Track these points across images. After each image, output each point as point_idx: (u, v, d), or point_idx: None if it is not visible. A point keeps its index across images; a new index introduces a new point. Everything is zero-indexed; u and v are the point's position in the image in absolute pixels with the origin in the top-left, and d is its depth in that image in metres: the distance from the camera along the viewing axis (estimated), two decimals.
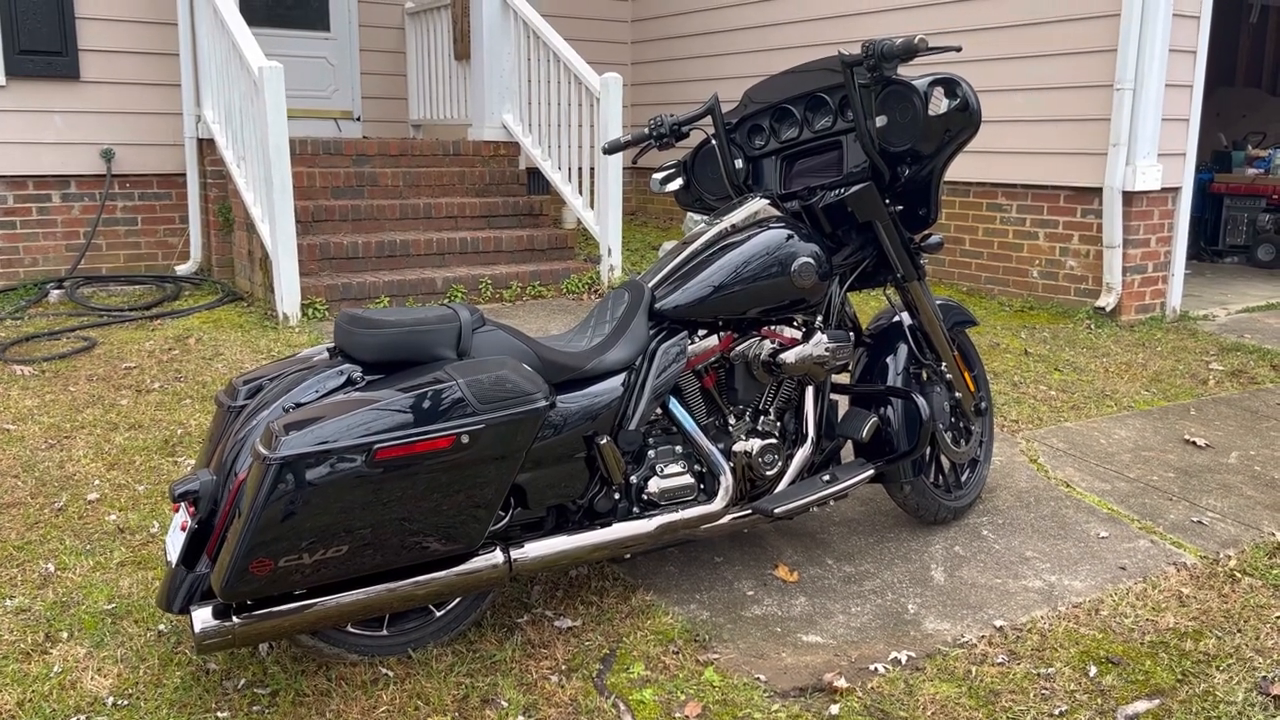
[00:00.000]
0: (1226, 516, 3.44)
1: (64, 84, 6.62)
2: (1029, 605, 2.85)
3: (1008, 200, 6.61)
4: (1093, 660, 2.55)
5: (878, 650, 2.61)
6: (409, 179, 6.79)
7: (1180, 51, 5.87)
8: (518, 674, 2.47)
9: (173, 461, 3.73)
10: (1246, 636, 2.67)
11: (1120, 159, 5.84)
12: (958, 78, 2.78)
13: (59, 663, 2.48)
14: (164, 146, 6.91)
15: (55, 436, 3.95)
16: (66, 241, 6.78)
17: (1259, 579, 2.99)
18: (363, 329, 2.38)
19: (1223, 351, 5.52)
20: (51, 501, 3.38)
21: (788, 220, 2.90)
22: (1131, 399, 4.65)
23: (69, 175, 6.73)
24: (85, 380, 4.62)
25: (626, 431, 2.66)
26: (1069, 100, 6.13)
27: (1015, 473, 3.76)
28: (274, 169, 5.34)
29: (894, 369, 3.13)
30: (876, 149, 2.88)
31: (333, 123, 8.31)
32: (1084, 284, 6.24)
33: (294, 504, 2.10)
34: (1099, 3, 5.90)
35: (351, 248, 6.06)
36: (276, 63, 5.31)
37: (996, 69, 6.45)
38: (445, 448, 2.21)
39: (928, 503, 3.22)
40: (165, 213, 7.05)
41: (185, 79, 6.61)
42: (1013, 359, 5.20)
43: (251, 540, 2.10)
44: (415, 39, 8.35)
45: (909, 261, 3.05)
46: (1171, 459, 3.95)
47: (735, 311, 2.81)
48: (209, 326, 5.55)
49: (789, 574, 3.00)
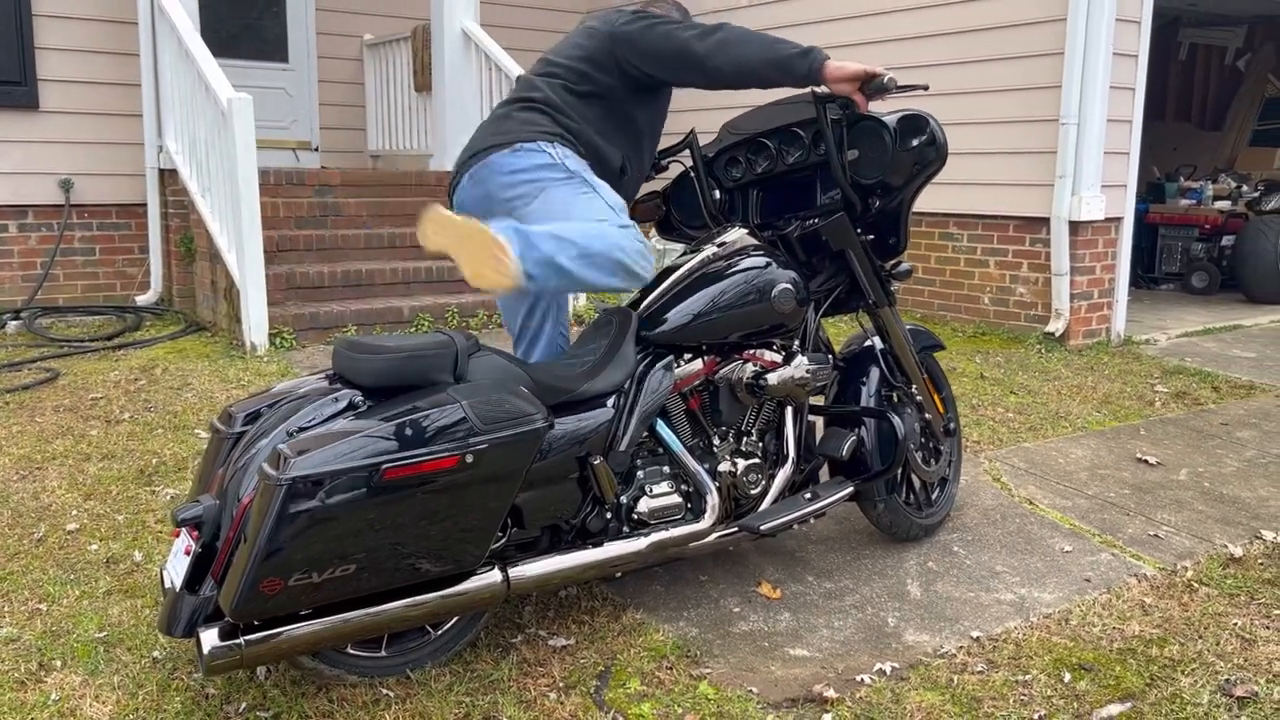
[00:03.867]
0: (1181, 530, 3.61)
1: (22, 113, 6.58)
2: (1002, 617, 2.97)
3: (959, 229, 6.84)
4: (1066, 667, 2.67)
5: (863, 662, 2.71)
6: (372, 209, 6.84)
7: (1120, 88, 6.15)
8: (516, 692, 2.52)
9: (150, 491, 3.72)
10: (1208, 642, 2.81)
11: (1066, 190, 6.09)
12: (926, 114, 2.93)
13: (56, 690, 2.48)
14: (124, 176, 6.88)
15: (27, 468, 3.92)
16: (23, 272, 6.71)
17: (1215, 588, 3.15)
18: (363, 355, 2.44)
19: (1166, 374, 5.75)
20: (30, 533, 3.36)
21: (766, 248, 3.02)
22: (1085, 420, 4.84)
23: (26, 205, 6.68)
24: (52, 411, 4.58)
25: (617, 453, 2.74)
26: (1017, 134, 6.38)
27: (981, 491, 3.90)
28: (243, 199, 5.36)
29: (868, 391, 3.25)
30: (848, 181, 3.01)
31: (291, 153, 8.32)
32: (1033, 310, 6.47)
33: (303, 524, 2.14)
34: (1045, 42, 6.17)
35: (317, 277, 6.08)
36: (245, 94, 5.34)
37: (949, 103, 6.68)
38: (451, 467, 2.28)
39: (900, 520, 3.34)
40: (124, 243, 7.01)
41: (147, 109, 6.60)
42: (970, 383, 5.37)
43: (262, 560, 2.14)
44: (374, 71, 8.42)
45: (880, 288, 3.18)
46: (1126, 476, 4.12)
47: (718, 336, 2.91)
48: (174, 357, 5.53)
49: (772, 591, 3.09)
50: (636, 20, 2.88)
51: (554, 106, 2.88)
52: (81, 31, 6.72)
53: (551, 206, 2.73)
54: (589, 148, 2.89)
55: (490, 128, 2.93)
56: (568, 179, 2.76)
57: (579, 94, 2.90)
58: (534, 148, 2.78)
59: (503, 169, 2.79)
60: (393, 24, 8.32)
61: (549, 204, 2.74)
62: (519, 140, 2.80)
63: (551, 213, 2.72)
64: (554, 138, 2.82)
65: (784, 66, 2.70)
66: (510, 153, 2.79)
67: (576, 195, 2.74)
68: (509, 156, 2.79)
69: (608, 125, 2.93)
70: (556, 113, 2.87)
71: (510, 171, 2.78)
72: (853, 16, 7.20)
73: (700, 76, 2.79)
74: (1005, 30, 6.38)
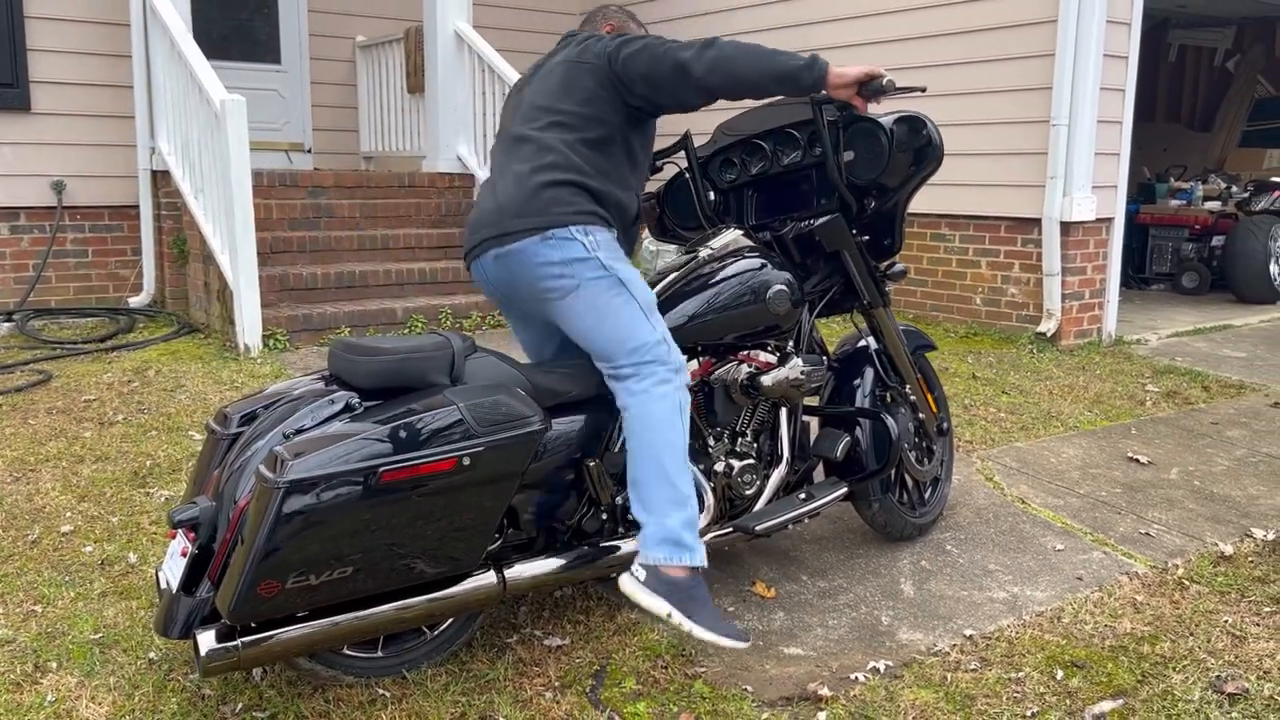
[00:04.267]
0: (1172, 528, 3.63)
1: (14, 115, 6.56)
2: (995, 615, 2.98)
3: (951, 230, 6.86)
4: (1058, 664, 2.69)
5: (857, 660, 2.72)
6: (365, 210, 6.84)
7: (1111, 90, 6.18)
8: (512, 691, 2.53)
9: (144, 493, 3.72)
10: (1199, 639, 2.83)
11: (1057, 191, 6.12)
12: (923, 116, 2.95)
13: (51, 692, 2.48)
14: (116, 178, 6.86)
15: (20, 470, 3.91)
16: (15, 274, 6.69)
17: (1206, 586, 3.17)
18: (359, 356, 2.44)
19: (1157, 374, 5.78)
20: (24, 535, 3.36)
21: (761, 250, 3.03)
22: (1076, 419, 4.86)
23: (18, 207, 6.66)
24: (45, 413, 4.57)
25: (612, 454, 2.75)
26: (1009, 135, 6.41)
27: (973, 490, 3.92)
28: (236, 201, 5.36)
29: (862, 391, 3.27)
30: (844, 182, 3.02)
31: (283, 154, 8.31)
32: (1025, 310, 6.50)
33: (301, 527, 2.15)
34: (1036, 43, 6.20)
35: (310, 279, 6.08)
36: (239, 95, 5.34)
37: (941, 104, 6.70)
38: (448, 469, 2.28)
39: (895, 520, 3.35)
40: (117, 245, 6.99)
41: (140, 111, 6.59)
42: (962, 383, 5.40)
43: (259, 563, 2.14)
44: (366, 72, 8.42)
45: (875, 289, 3.20)
46: (1117, 475, 4.15)
47: (714, 337, 2.92)
48: (167, 358, 5.52)
49: (766, 590, 3.10)
50: (627, 45, 2.70)
51: (579, 171, 2.67)
52: (73, 33, 6.70)
53: (584, 313, 2.63)
54: (615, 206, 2.74)
55: (514, 196, 2.67)
56: (601, 276, 2.61)
57: (595, 143, 2.71)
58: (566, 236, 2.60)
59: (534, 259, 2.62)
60: (385, 25, 8.31)
61: (581, 308, 2.63)
62: (552, 226, 2.61)
63: (583, 318, 2.62)
64: (586, 218, 2.64)
65: (790, 80, 2.63)
66: (542, 241, 2.60)
67: (611, 300, 2.62)
68: (540, 246, 2.60)
69: (623, 170, 2.78)
70: (582, 177, 2.67)
71: (542, 264, 2.62)
72: (840, 19, 7.22)
73: (701, 96, 2.69)
74: (996, 32, 6.41)
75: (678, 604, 2.53)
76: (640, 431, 2.59)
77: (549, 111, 2.74)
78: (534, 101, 2.79)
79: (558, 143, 2.69)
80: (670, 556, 2.55)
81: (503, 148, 2.82)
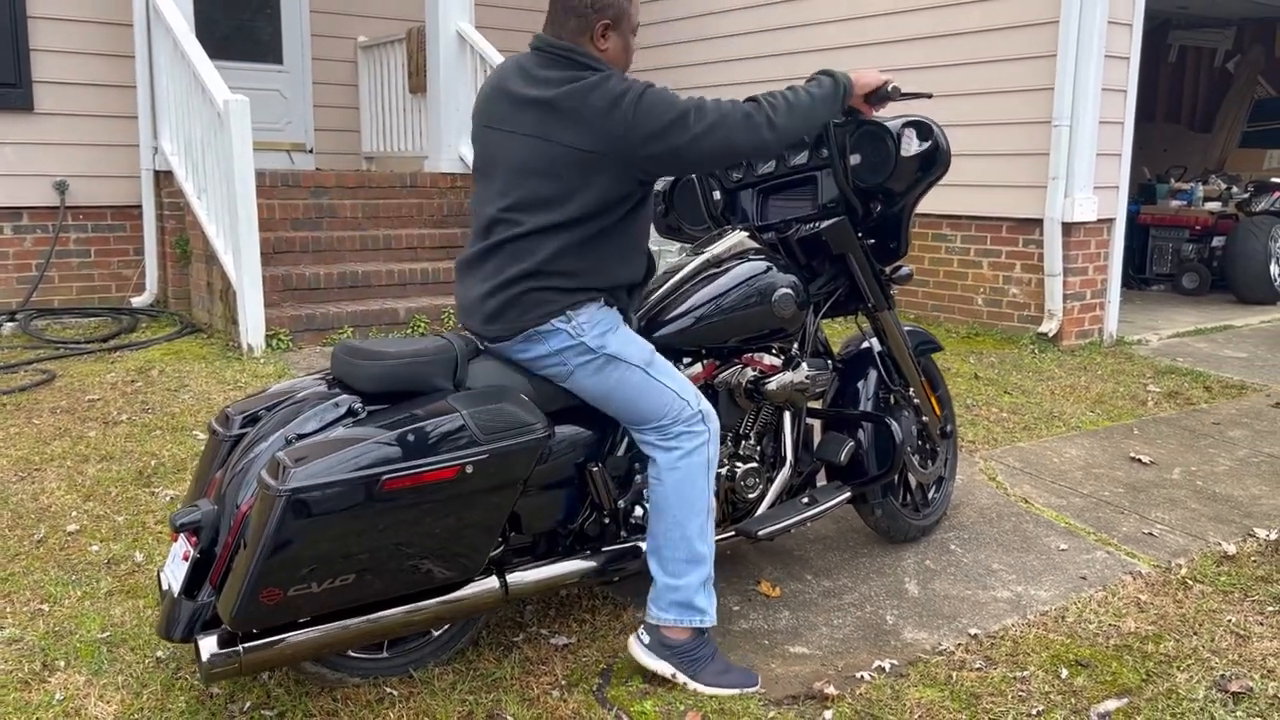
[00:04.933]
0: (1175, 528, 3.65)
1: (17, 115, 6.57)
2: (999, 614, 2.99)
3: (952, 230, 6.87)
4: (1063, 663, 2.70)
5: (862, 659, 2.73)
6: (367, 210, 6.84)
7: (1112, 90, 6.19)
8: (519, 690, 2.54)
9: (149, 492, 3.73)
10: (1202, 639, 2.84)
11: (1059, 192, 6.13)
12: (930, 120, 2.95)
13: (60, 690, 2.49)
14: (119, 178, 6.87)
15: (25, 469, 3.92)
16: (18, 274, 6.70)
17: (1209, 585, 3.18)
18: (362, 360, 2.43)
19: (1159, 374, 5.80)
20: (30, 534, 3.37)
21: (766, 252, 3.04)
22: (1078, 419, 4.87)
23: (21, 207, 6.67)
24: (49, 413, 4.58)
25: (615, 458, 2.75)
26: (1010, 135, 6.42)
27: (976, 490, 3.93)
28: (239, 201, 5.37)
29: (865, 394, 3.27)
30: (850, 185, 3.03)
31: (285, 154, 8.32)
32: (1026, 310, 6.51)
33: (303, 535, 2.14)
34: (1037, 44, 6.21)
35: (313, 279, 6.09)
36: (242, 96, 5.35)
37: (942, 106, 6.70)
38: (450, 478, 2.28)
39: (898, 523, 3.36)
40: (119, 245, 7.00)
41: (143, 111, 6.60)
42: (964, 383, 5.41)
43: (261, 570, 2.13)
44: (368, 72, 8.43)
45: (880, 292, 3.20)
46: (1120, 475, 4.16)
47: (718, 340, 2.92)
48: (170, 358, 5.53)
49: (771, 589, 3.11)
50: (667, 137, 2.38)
51: (564, 276, 2.46)
52: (77, 33, 6.71)
53: (587, 390, 2.55)
54: (611, 290, 2.55)
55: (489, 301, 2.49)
56: (590, 359, 2.49)
57: (588, 241, 2.46)
58: (549, 329, 2.47)
59: (521, 355, 2.54)
60: (387, 26, 8.32)
61: (582, 387, 2.55)
62: (530, 327, 2.48)
63: (589, 394, 2.56)
64: (570, 305, 2.47)
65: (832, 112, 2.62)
66: (524, 340, 2.50)
67: (607, 377, 2.51)
68: (525, 344, 2.51)
69: (625, 245, 2.54)
70: (567, 280, 2.46)
71: (531, 358, 2.53)
72: (844, 19, 7.23)
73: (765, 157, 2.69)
74: (997, 33, 6.42)
75: (680, 665, 2.54)
76: (665, 493, 2.55)
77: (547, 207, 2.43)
78: (511, 170, 2.47)
79: (540, 247, 2.43)
80: (680, 619, 2.55)
81: (479, 225, 2.55)
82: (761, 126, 2.45)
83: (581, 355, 2.51)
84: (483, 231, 2.55)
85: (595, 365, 2.51)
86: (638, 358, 2.54)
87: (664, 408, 2.54)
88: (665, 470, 2.55)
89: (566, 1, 2.50)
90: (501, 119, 2.53)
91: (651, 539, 2.60)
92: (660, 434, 2.56)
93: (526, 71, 2.52)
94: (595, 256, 2.48)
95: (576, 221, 2.43)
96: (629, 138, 2.37)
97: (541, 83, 2.46)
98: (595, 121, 2.37)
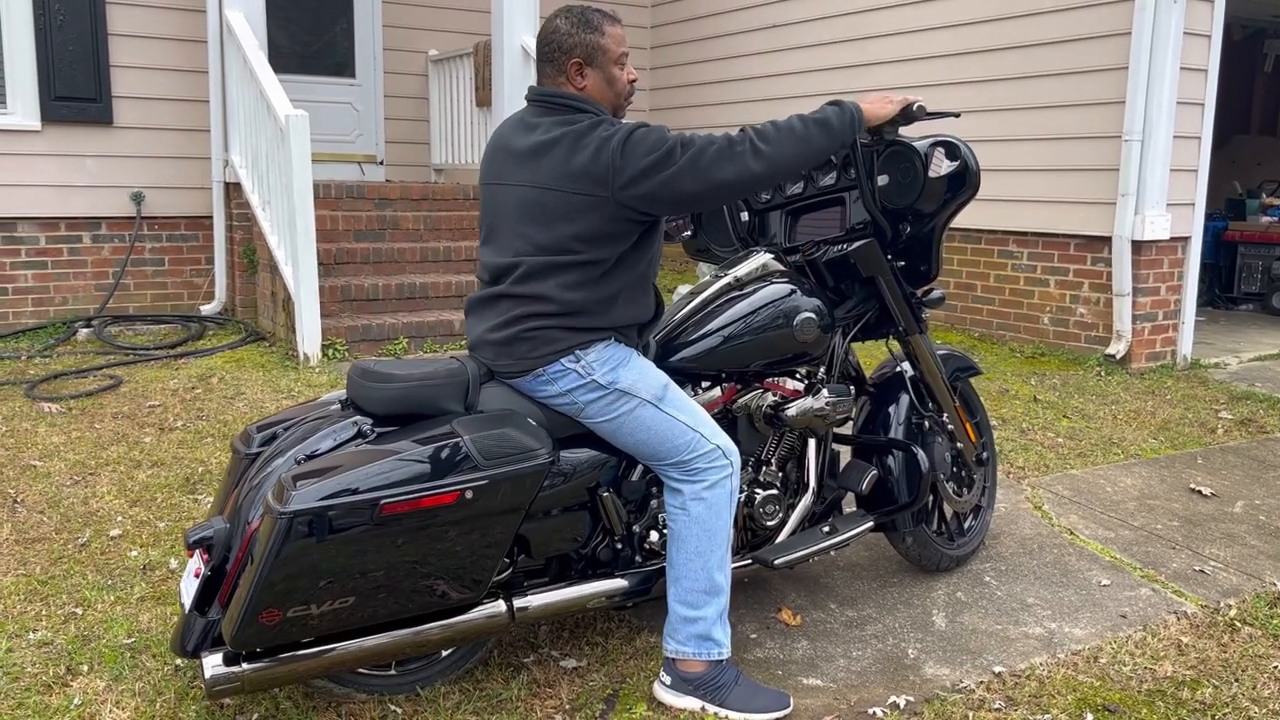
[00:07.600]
0: (1229, 566, 3.47)
1: (97, 129, 6.83)
2: (1028, 652, 2.88)
3: (1019, 247, 6.69)
4: (1089, 708, 2.59)
5: (877, 694, 2.66)
6: (429, 222, 6.94)
7: (1188, 104, 5.96)
8: (522, 713, 2.53)
9: (193, 499, 3.82)
10: (1244, 686, 2.70)
11: (1129, 209, 5.92)
12: (958, 140, 2.87)
13: (79, 695, 2.56)
14: (192, 190, 7.10)
15: (80, 473, 4.06)
16: (96, 281, 6.96)
17: (1259, 629, 3.02)
18: (374, 383, 2.45)
19: (1233, 400, 5.54)
20: (76, 537, 3.48)
21: (791, 275, 2.98)
22: (1139, 447, 4.69)
23: (100, 217, 6.93)
24: (111, 418, 4.73)
25: (629, 482, 2.72)
26: (1079, 150, 6.22)
27: (1019, 519, 3.80)
28: (298, 213, 5.49)
29: (895, 419, 3.19)
30: (878, 207, 2.96)
31: (356, 166, 8.49)
32: (1094, 331, 6.29)
33: (302, 557, 2.16)
34: (1107, 56, 6.01)
35: (372, 290, 6.19)
36: (302, 110, 5.48)
37: (1009, 119, 6.55)
38: (450, 503, 2.28)
39: (930, 552, 3.27)
40: (192, 254, 7.23)
41: (214, 125, 6.80)
42: (1021, 405, 5.25)
43: (260, 591, 2.16)
44: (438, 86, 8.56)
45: (910, 315, 3.12)
46: (1176, 508, 3.98)
47: (738, 364, 2.87)
48: (231, 366, 5.68)
49: (792, 618, 3.05)
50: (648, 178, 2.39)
51: (573, 314, 2.48)
52: (154, 50, 6.96)
53: (601, 426, 2.55)
54: (619, 328, 2.55)
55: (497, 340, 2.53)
56: (601, 395, 2.50)
57: (600, 275, 2.48)
58: (559, 370, 2.49)
59: (533, 393, 2.55)
60: (456, 40, 8.45)
61: (596, 423, 2.54)
62: (539, 366, 2.50)
63: (602, 429, 2.55)
64: (578, 344, 2.49)
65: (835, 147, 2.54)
66: (534, 379, 2.52)
67: (620, 413, 2.51)
68: (534, 383, 2.52)
69: (631, 284, 2.55)
70: (574, 319, 2.48)
71: (543, 397, 2.54)
72: (894, 34, 7.10)
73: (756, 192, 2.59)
74: (1066, 45, 6.23)
75: (706, 697, 2.53)
76: (686, 523, 2.53)
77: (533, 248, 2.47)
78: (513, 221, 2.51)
79: (546, 288, 2.46)
80: (698, 652, 2.53)
81: (488, 276, 2.59)
82: (745, 155, 2.41)
83: (592, 392, 2.50)
84: (491, 281, 2.60)
85: (606, 401, 2.51)
86: (649, 392, 2.53)
87: (679, 444, 2.52)
88: (689, 501, 2.53)
89: (540, 50, 2.57)
90: (501, 175, 2.59)
91: (671, 568, 2.58)
92: (680, 469, 2.54)
93: (524, 123, 2.57)
94: (601, 296, 2.49)
95: (578, 264, 2.46)
96: (616, 180, 2.39)
97: (535, 129, 2.52)
98: (584, 166, 2.41)
